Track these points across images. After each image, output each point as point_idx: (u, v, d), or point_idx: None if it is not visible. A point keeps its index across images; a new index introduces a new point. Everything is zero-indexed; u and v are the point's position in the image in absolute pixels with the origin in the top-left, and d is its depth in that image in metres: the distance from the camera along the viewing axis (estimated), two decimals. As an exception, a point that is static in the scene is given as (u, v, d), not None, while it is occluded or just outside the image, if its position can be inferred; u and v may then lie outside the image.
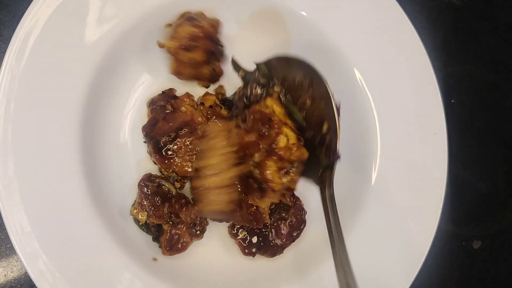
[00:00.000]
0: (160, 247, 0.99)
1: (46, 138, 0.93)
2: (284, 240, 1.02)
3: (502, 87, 1.25)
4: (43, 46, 0.93)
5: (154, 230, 1.00)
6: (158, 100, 1.01)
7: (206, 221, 1.02)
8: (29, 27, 0.92)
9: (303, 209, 1.05)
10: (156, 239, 1.01)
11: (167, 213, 0.97)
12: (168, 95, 1.02)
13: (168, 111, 0.99)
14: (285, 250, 1.03)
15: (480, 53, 1.25)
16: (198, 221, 1.00)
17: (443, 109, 1.02)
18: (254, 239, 1.01)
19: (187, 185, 1.04)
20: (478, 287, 1.20)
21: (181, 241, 0.99)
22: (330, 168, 0.88)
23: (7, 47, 0.92)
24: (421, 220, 1.00)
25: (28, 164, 0.92)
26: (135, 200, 0.98)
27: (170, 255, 0.99)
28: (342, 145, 1.09)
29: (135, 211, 0.97)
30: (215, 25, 1.01)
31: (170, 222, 0.98)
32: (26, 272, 1.04)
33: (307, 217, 1.05)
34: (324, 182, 0.88)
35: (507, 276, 1.21)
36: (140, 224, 0.99)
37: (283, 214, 1.01)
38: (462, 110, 1.23)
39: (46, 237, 0.91)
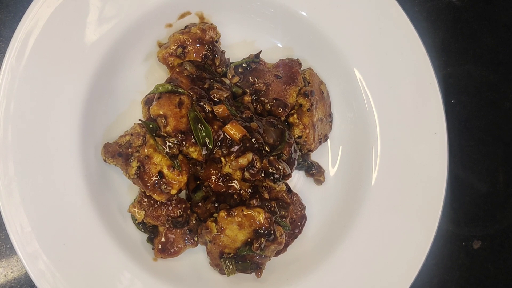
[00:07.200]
0: (153, 249, 0.99)
1: (46, 138, 0.93)
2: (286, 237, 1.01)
3: (502, 87, 1.25)
4: (43, 46, 0.93)
5: (150, 231, 1.00)
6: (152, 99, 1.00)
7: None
8: (29, 27, 0.92)
9: (302, 204, 1.05)
10: (150, 239, 1.01)
11: (165, 215, 0.97)
12: None
13: None
14: (288, 248, 1.03)
15: (480, 53, 1.25)
16: (194, 228, 1.00)
17: (443, 109, 1.02)
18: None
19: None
20: (478, 287, 1.20)
21: (174, 246, 0.98)
22: None
23: (7, 47, 0.92)
24: (421, 220, 1.00)
25: (28, 164, 0.92)
26: (135, 198, 0.98)
27: (161, 258, 0.99)
28: (342, 145, 1.10)
29: (133, 208, 0.97)
30: (206, 29, 1.00)
31: (167, 225, 0.98)
32: (26, 272, 1.04)
33: (307, 211, 1.05)
34: None
35: (507, 276, 1.21)
36: (136, 222, 1.00)
37: (283, 212, 1.01)
38: (462, 110, 1.23)
39: (46, 237, 0.91)
